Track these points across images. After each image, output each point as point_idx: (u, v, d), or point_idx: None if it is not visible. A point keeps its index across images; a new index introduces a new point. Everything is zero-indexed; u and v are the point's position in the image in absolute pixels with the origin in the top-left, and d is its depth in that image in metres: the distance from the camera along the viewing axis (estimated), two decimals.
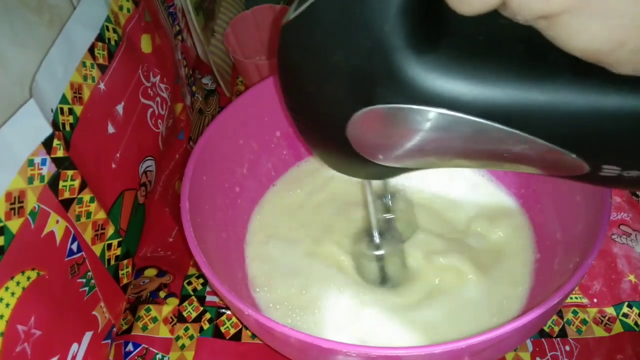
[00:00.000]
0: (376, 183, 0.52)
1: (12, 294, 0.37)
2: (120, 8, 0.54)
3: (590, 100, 0.26)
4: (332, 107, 0.33)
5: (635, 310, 0.53)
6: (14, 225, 0.37)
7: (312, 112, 0.35)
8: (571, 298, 0.54)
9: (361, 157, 0.35)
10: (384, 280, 0.53)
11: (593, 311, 0.53)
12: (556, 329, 0.52)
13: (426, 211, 0.58)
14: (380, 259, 0.52)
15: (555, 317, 0.53)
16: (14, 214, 0.37)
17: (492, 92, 0.28)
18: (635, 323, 0.52)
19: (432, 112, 0.29)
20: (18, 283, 0.37)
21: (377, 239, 0.51)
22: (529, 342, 0.52)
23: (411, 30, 0.28)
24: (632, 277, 0.55)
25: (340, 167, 0.40)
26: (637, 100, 0.26)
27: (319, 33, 0.30)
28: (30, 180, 0.39)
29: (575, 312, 0.53)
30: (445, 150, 0.32)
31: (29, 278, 0.38)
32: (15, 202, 0.37)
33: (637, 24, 0.21)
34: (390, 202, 0.55)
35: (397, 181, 0.60)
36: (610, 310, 0.53)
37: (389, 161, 0.35)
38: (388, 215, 0.55)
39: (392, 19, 0.27)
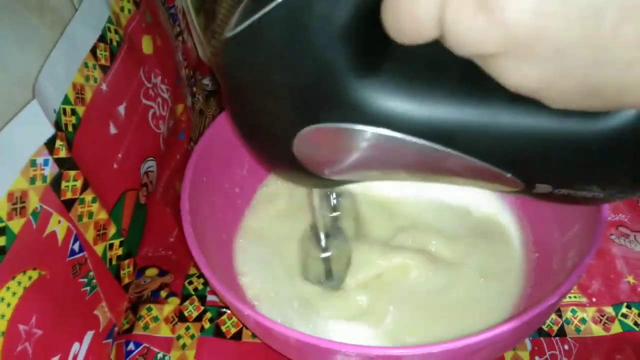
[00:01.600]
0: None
1: (14, 293, 0.37)
2: (122, 9, 0.54)
3: (523, 123, 0.28)
4: (277, 125, 0.33)
5: (635, 310, 0.53)
6: (16, 225, 0.37)
7: (257, 130, 0.35)
8: (570, 297, 0.54)
9: (309, 172, 0.36)
10: (328, 278, 0.53)
11: (592, 310, 0.53)
12: (555, 328, 0.53)
13: (404, 206, 0.59)
14: (326, 260, 0.52)
15: (554, 316, 0.53)
16: (16, 214, 0.37)
17: (431, 113, 0.29)
18: (635, 323, 0.52)
19: (374, 132, 0.30)
20: (19, 283, 0.37)
21: (323, 242, 0.51)
22: (527, 341, 0.52)
23: (353, 54, 0.28)
24: (630, 278, 0.55)
25: (291, 179, 0.40)
26: (564, 123, 0.27)
27: (260, 53, 0.30)
28: (33, 180, 0.39)
29: (574, 311, 0.53)
30: (388, 167, 0.33)
31: (30, 278, 0.39)
32: (17, 202, 0.37)
33: (560, 71, 0.22)
34: (336, 201, 0.56)
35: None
36: (609, 310, 0.53)
37: (334, 176, 0.36)
38: (334, 214, 0.56)
39: (335, 43, 0.28)
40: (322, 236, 0.51)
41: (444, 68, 0.28)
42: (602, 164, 0.29)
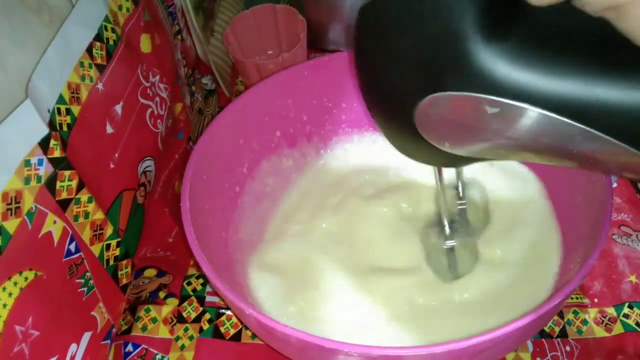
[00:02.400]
0: (449, 173, 0.50)
1: (10, 294, 0.37)
2: (120, 7, 0.54)
3: None
4: (400, 92, 0.33)
5: (636, 310, 0.53)
6: (11, 225, 0.37)
7: (381, 96, 0.36)
8: (572, 298, 0.54)
9: (428, 144, 0.35)
10: (452, 270, 0.51)
11: (594, 311, 0.53)
12: (557, 329, 0.52)
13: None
14: (451, 249, 0.51)
15: (555, 317, 0.53)
16: (11, 215, 0.37)
17: (562, 85, 0.27)
18: (637, 323, 0.52)
19: (499, 103, 0.29)
20: (15, 283, 0.37)
21: (447, 229, 0.50)
22: (529, 343, 0.52)
23: (481, 17, 0.27)
24: (633, 278, 0.55)
25: (408, 152, 0.40)
26: None
27: (390, 18, 0.31)
28: (27, 180, 0.38)
29: (575, 313, 0.53)
30: (511, 142, 0.32)
31: (26, 278, 0.38)
32: (12, 203, 0.37)
33: None
34: (463, 191, 0.53)
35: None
36: (610, 311, 0.53)
37: (454, 149, 0.35)
38: (460, 204, 0.54)
39: (461, 6, 0.27)
40: (446, 223, 0.50)
41: (576, 37, 0.27)
42: None
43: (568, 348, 0.51)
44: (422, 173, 0.59)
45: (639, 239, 0.57)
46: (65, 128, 0.44)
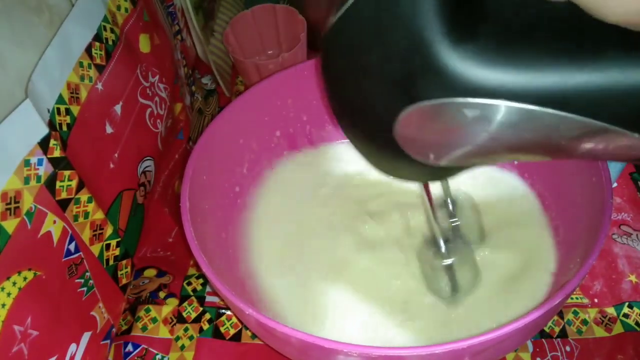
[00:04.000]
0: (436, 189, 0.50)
1: (8, 294, 0.37)
2: (118, 8, 0.54)
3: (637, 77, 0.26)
4: (378, 109, 0.33)
5: (636, 310, 0.53)
6: (10, 225, 0.37)
7: (358, 116, 0.35)
8: (572, 298, 0.54)
9: (411, 160, 0.35)
10: (454, 289, 0.50)
11: (593, 311, 0.53)
12: (557, 329, 0.52)
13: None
14: (449, 268, 0.49)
15: (555, 317, 0.53)
16: (10, 214, 0.37)
17: (537, 76, 0.27)
18: (636, 323, 0.52)
19: (478, 104, 0.28)
20: (14, 283, 0.37)
21: (443, 248, 0.48)
22: (529, 343, 0.52)
23: (447, 22, 0.27)
24: (632, 277, 0.55)
25: (392, 171, 0.39)
26: None
27: (358, 34, 0.30)
28: (27, 180, 0.38)
29: (575, 313, 0.53)
30: (497, 143, 0.31)
31: (25, 278, 0.38)
32: (12, 202, 0.37)
33: None
34: (453, 207, 0.53)
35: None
36: (610, 311, 0.53)
37: (440, 160, 0.34)
38: (452, 221, 0.53)
39: (427, 13, 0.27)
40: (441, 242, 0.48)
41: (544, 26, 0.27)
42: None
43: (568, 348, 0.51)
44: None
45: (639, 239, 0.57)
46: (65, 128, 0.44)
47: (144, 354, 0.53)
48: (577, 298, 0.54)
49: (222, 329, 0.55)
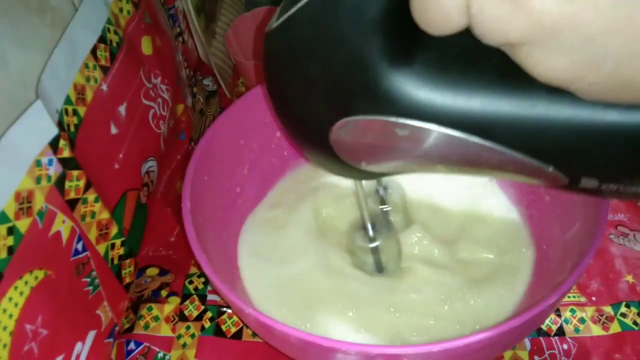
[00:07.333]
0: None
1: (21, 293, 0.37)
2: (120, 10, 0.54)
3: (562, 115, 0.27)
4: (314, 117, 0.34)
5: (634, 309, 0.53)
6: (23, 225, 0.37)
7: (295, 120, 0.36)
8: (569, 297, 0.55)
9: (346, 163, 0.36)
10: (379, 270, 0.53)
11: (591, 310, 0.54)
12: (554, 327, 0.53)
13: (420, 206, 0.59)
14: (375, 251, 0.52)
15: (553, 315, 0.53)
16: (23, 214, 0.37)
17: (466, 104, 0.28)
18: (634, 322, 0.52)
19: (407, 125, 0.29)
20: (26, 282, 0.38)
21: (370, 232, 0.51)
22: (526, 341, 0.52)
23: (386, 44, 0.28)
24: (629, 278, 0.55)
25: (330, 169, 0.40)
26: (606, 115, 0.26)
27: (297, 45, 0.31)
28: (38, 180, 0.39)
29: (573, 311, 0.54)
30: (424, 160, 0.33)
31: (36, 278, 0.39)
32: (24, 202, 0.37)
33: (590, 61, 0.21)
34: (384, 194, 0.56)
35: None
36: (608, 309, 0.54)
37: (371, 168, 0.36)
38: (384, 208, 0.56)
39: (366, 33, 0.28)
40: (369, 226, 0.51)
41: (479, 58, 0.28)
42: None
43: (565, 346, 0.52)
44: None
45: (636, 239, 0.57)
46: (72, 128, 0.44)
47: (146, 352, 0.54)
48: (574, 296, 0.55)
49: (223, 327, 0.55)
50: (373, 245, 0.51)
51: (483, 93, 0.28)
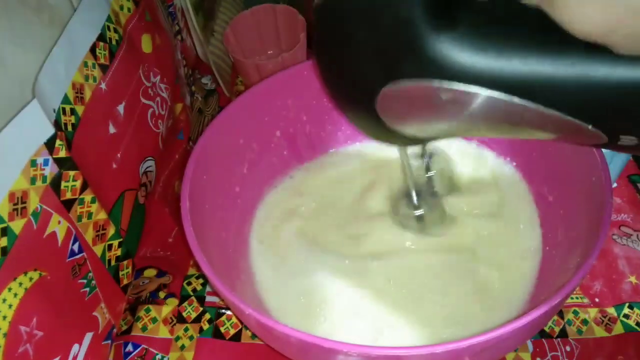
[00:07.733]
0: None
1: (15, 294, 0.37)
2: (121, 8, 0.54)
3: (601, 73, 0.27)
4: (361, 82, 0.35)
5: (637, 311, 0.53)
6: (17, 225, 0.37)
7: (344, 86, 0.38)
8: (572, 298, 0.54)
9: (391, 129, 0.37)
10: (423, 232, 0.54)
11: (594, 311, 0.53)
12: (557, 329, 0.53)
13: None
14: (420, 218, 0.53)
15: (555, 317, 0.53)
16: (17, 215, 0.37)
17: (508, 65, 0.29)
18: (637, 323, 0.52)
19: (452, 88, 0.30)
20: (21, 284, 0.37)
21: (415, 200, 0.52)
22: (529, 343, 0.52)
23: (430, 7, 0.29)
24: (632, 279, 0.55)
25: (375, 135, 0.42)
26: None
27: (345, 12, 0.33)
28: (33, 180, 0.39)
29: (576, 313, 0.53)
30: (466, 122, 0.34)
31: (31, 279, 0.38)
32: (18, 203, 0.37)
33: (625, 11, 0.22)
34: (429, 161, 0.57)
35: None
36: (611, 311, 0.53)
37: (416, 133, 0.37)
38: (428, 174, 0.57)
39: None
40: (414, 194, 0.52)
41: (518, 19, 0.29)
42: None
43: (568, 348, 0.51)
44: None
45: (639, 239, 0.57)
46: (70, 128, 0.44)
47: (144, 354, 0.53)
48: (577, 298, 0.54)
49: (222, 329, 0.55)
50: (418, 212, 0.53)
51: (524, 55, 0.29)
